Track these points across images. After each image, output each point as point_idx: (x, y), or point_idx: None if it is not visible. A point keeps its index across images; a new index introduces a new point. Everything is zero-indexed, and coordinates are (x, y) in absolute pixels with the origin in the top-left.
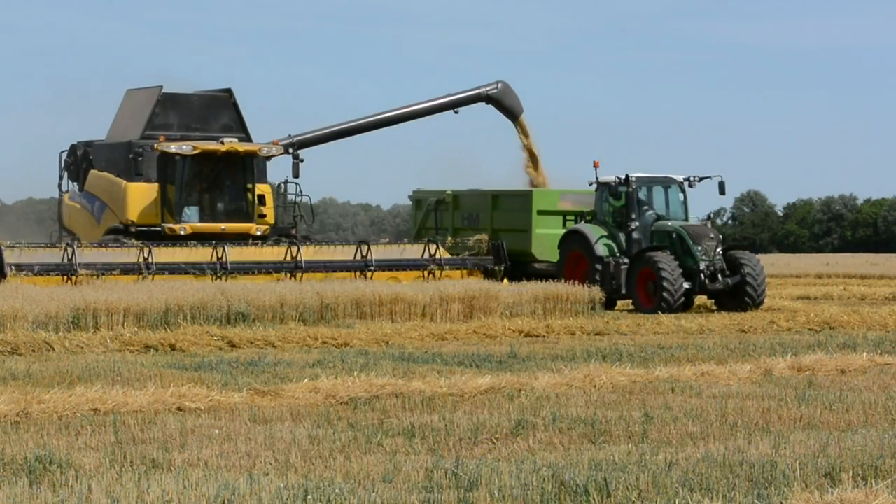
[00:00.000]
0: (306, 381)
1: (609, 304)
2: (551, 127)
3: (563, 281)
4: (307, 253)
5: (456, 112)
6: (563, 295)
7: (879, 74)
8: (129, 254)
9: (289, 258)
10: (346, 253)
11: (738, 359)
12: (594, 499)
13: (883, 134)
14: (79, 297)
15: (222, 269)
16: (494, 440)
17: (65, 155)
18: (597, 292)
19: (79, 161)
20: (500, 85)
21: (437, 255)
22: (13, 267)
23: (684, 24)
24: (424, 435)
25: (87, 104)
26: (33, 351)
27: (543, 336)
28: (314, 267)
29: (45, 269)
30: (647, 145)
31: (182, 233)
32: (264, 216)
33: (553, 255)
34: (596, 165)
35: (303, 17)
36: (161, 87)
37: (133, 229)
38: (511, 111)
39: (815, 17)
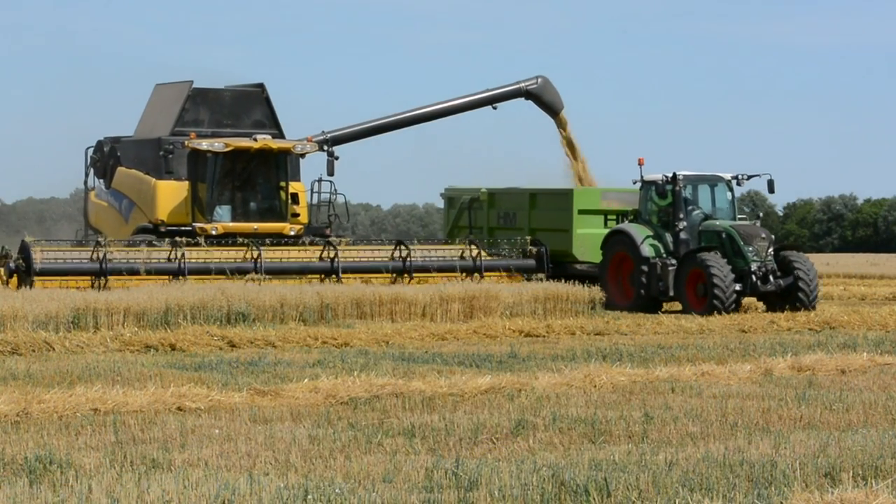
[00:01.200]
0: (306, 381)
1: (654, 307)
2: (591, 123)
3: (606, 283)
4: (345, 254)
5: (494, 108)
6: (563, 295)
7: (879, 74)
8: (160, 254)
9: (324, 258)
10: (383, 253)
11: (738, 359)
12: (594, 499)
13: (883, 134)
14: (79, 296)
15: (257, 271)
16: (494, 440)
17: (91, 151)
18: (597, 292)
19: (105, 158)
20: (539, 80)
21: (479, 258)
22: (39, 270)
23: (694, 23)
24: (424, 435)
25: (113, 99)
26: (33, 351)
27: (543, 336)
28: (351, 269)
29: (75, 271)
30: (670, 142)
31: (213, 232)
32: (297, 215)
33: (595, 256)
34: (641, 163)
35: (335, 11)
36: (191, 81)
37: (163, 229)
38: (551, 107)
39: (814, 16)
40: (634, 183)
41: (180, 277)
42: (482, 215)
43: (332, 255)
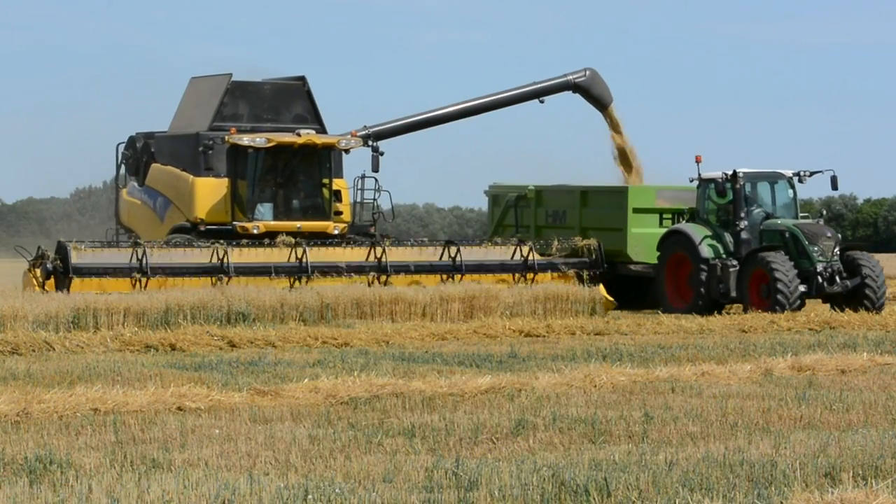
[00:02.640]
0: (306, 380)
1: (714, 309)
2: (642, 119)
3: (662, 285)
4: (392, 254)
5: (541, 101)
6: (563, 295)
7: (880, 74)
8: (202, 254)
9: (372, 259)
10: (432, 254)
11: (738, 359)
12: (594, 499)
13: (883, 134)
14: (79, 296)
15: (303, 271)
16: (494, 440)
17: (122, 147)
18: (597, 292)
19: (138, 154)
20: (587, 72)
21: (531, 258)
22: (78, 271)
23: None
24: (425, 435)
25: (140, 94)
26: (33, 351)
27: (544, 336)
28: (400, 268)
29: (115, 271)
30: (720, 138)
31: (255, 231)
32: (340, 213)
33: (649, 257)
34: (698, 160)
35: (373, 2)
36: (230, 74)
37: (202, 228)
38: (600, 100)
39: (814, 16)
40: (691, 181)
41: (223, 278)
42: (529, 213)
43: (379, 254)
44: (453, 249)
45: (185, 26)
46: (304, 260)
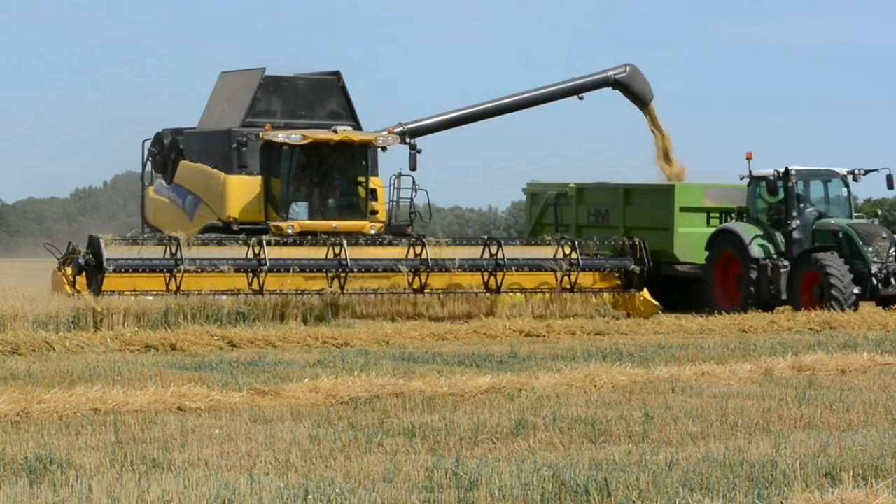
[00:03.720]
0: (307, 380)
1: (763, 310)
2: (685, 114)
3: (710, 285)
4: (432, 252)
5: (580, 98)
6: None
7: (880, 73)
8: (237, 250)
9: (412, 256)
10: (472, 252)
11: (738, 358)
12: (594, 499)
13: (883, 134)
14: (79, 296)
15: (342, 268)
16: (495, 440)
17: (148, 144)
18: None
19: (166, 151)
20: (628, 68)
21: (573, 257)
22: (112, 267)
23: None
24: (425, 435)
25: (168, 89)
26: (33, 350)
27: (544, 336)
28: (442, 266)
29: (149, 267)
30: (763, 135)
31: (290, 231)
32: (376, 212)
33: (697, 257)
34: (749, 157)
35: None
36: (263, 69)
37: (235, 227)
38: (640, 97)
39: (870, 11)
40: (741, 178)
41: (259, 275)
42: (570, 212)
43: (419, 251)
44: (495, 247)
45: (193, 25)
46: (342, 256)
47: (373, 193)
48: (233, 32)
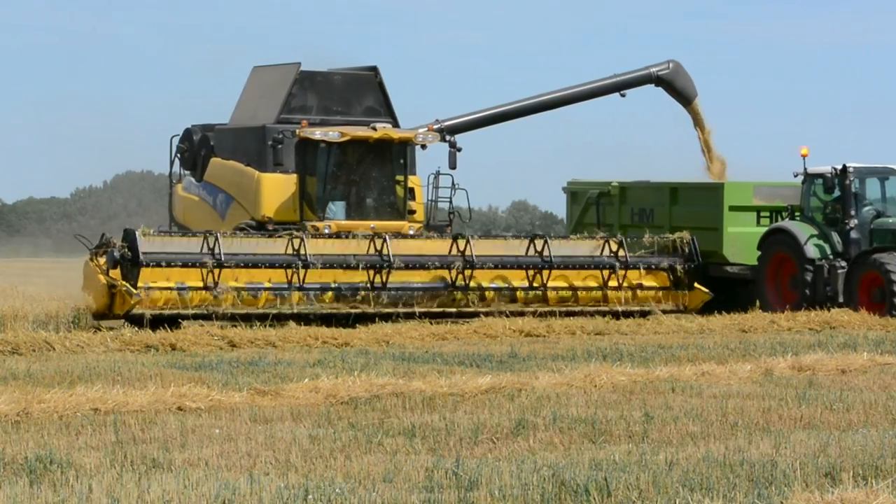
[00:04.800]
0: (307, 380)
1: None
2: (732, 109)
3: (763, 286)
4: (476, 247)
5: (622, 95)
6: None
7: (881, 72)
8: (276, 244)
9: (455, 252)
10: (517, 248)
11: (738, 358)
12: (594, 499)
13: (883, 133)
14: (79, 296)
15: (384, 263)
16: (495, 440)
17: (177, 140)
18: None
19: (195, 147)
20: (671, 64)
21: (620, 253)
22: (148, 260)
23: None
24: (425, 435)
25: (196, 84)
26: (34, 350)
27: (544, 336)
28: (486, 262)
29: (187, 261)
30: (807, 131)
31: (327, 231)
32: (413, 212)
33: (747, 257)
34: (804, 154)
35: None
36: (298, 64)
37: (270, 226)
38: (683, 95)
39: (820, 15)
40: (796, 176)
41: (300, 270)
42: (612, 211)
43: (463, 247)
44: (540, 243)
45: (199, 21)
46: (385, 252)
47: (411, 193)
48: (231, 31)
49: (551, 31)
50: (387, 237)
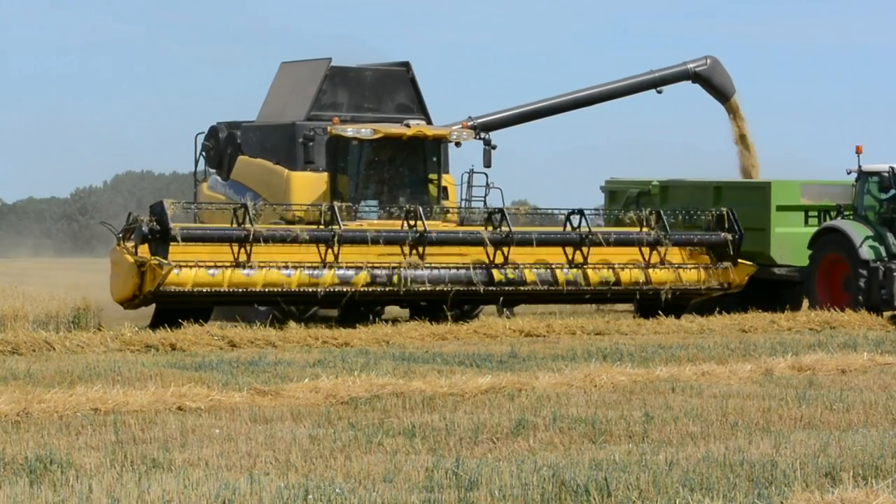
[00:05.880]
0: (307, 380)
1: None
2: (778, 104)
3: (813, 289)
4: (515, 226)
5: (659, 91)
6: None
7: (881, 72)
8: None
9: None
10: (555, 226)
11: (738, 358)
12: (595, 499)
13: (883, 133)
14: (79, 296)
15: (420, 240)
16: (495, 440)
17: (202, 138)
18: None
19: (221, 145)
20: (708, 60)
21: (661, 231)
22: (180, 235)
23: None
24: (425, 434)
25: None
26: (34, 350)
27: (544, 336)
28: (524, 239)
29: (219, 237)
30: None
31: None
32: (448, 211)
33: (796, 259)
34: (858, 151)
35: None
36: (329, 59)
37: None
38: (721, 91)
39: (875, 10)
40: (849, 173)
41: (333, 247)
42: None
43: (500, 223)
44: (578, 220)
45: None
46: (420, 229)
47: (444, 192)
48: (255, 25)
49: (583, 27)
50: (421, 210)
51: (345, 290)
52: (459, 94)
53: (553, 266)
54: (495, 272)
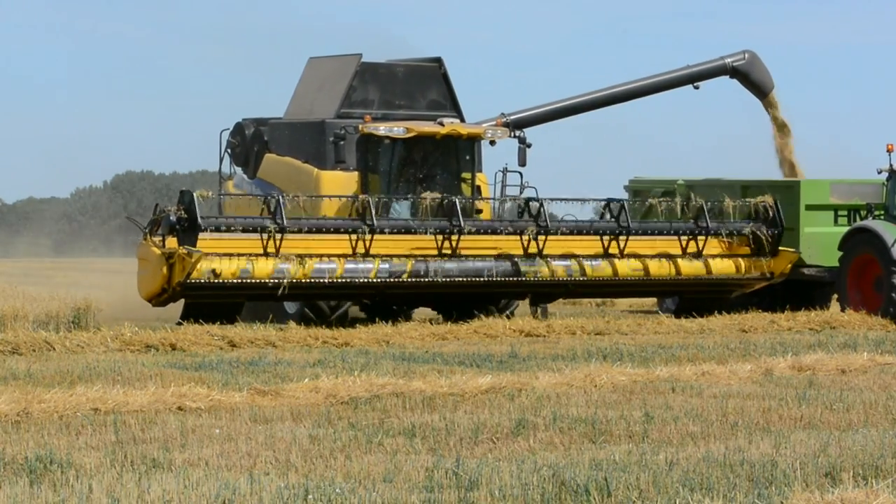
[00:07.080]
0: (307, 380)
1: None
2: (809, 103)
3: (844, 289)
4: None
5: (696, 87)
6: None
7: (882, 72)
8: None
9: (526, 216)
10: (592, 214)
11: (738, 358)
12: (595, 499)
13: (883, 133)
14: (79, 296)
15: (455, 229)
16: (495, 440)
17: (227, 135)
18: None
19: (247, 142)
20: (746, 55)
21: (702, 223)
22: (208, 224)
23: None
24: (425, 434)
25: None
26: (34, 350)
27: (544, 336)
28: (561, 227)
29: (248, 226)
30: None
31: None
32: (480, 211)
33: (826, 259)
34: (890, 150)
35: None
36: (360, 55)
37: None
38: (759, 87)
39: (823, 16)
40: (879, 172)
41: (366, 236)
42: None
43: (536, 210)
44: (616, 208)
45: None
46: (454, 218)
47: (478, 191)
48: (279, 20)
49: (612, 22)
50: (456, 200)
51: (389, 280)
52: (488, 90)
53: (612, 257)
54: (541, 263)
